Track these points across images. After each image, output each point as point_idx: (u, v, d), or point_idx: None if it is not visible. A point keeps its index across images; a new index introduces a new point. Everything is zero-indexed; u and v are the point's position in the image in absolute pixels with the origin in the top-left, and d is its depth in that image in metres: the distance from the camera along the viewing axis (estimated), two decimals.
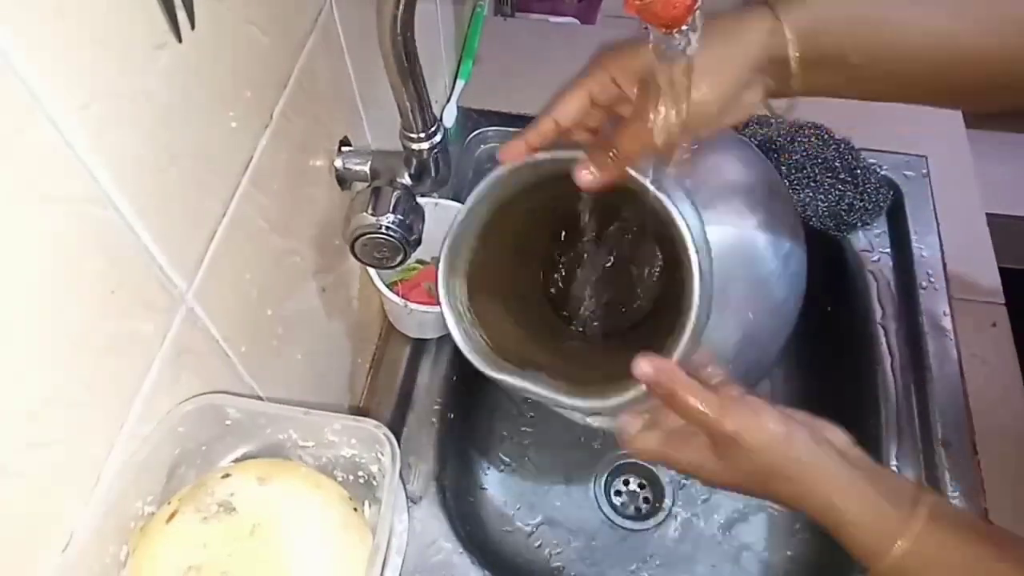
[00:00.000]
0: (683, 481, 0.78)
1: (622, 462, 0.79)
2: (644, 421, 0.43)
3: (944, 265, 0.76)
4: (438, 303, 0.49)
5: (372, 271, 0.62)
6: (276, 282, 0.49)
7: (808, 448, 0.39)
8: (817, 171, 0.78)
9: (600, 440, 0.79)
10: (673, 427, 0.42)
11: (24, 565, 0.33)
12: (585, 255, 0.59)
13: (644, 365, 0.40)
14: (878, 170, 0.81)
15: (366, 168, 0.55)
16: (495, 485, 0.77)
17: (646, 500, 0.77)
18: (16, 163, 0.27)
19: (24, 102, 0.27)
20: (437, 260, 0.49)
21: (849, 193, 0.78)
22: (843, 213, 0.78)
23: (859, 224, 0.79)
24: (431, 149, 0.52)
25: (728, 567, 0.73)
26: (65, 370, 0.32)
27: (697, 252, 0.42)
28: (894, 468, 0.65)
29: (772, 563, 0.74)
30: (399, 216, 0.51)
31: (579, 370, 0.50)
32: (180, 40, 0.34)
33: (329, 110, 0.54)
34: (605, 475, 0.78)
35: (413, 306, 0.62)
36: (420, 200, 0.54)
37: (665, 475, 0.78)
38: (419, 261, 0.71)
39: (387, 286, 0.63)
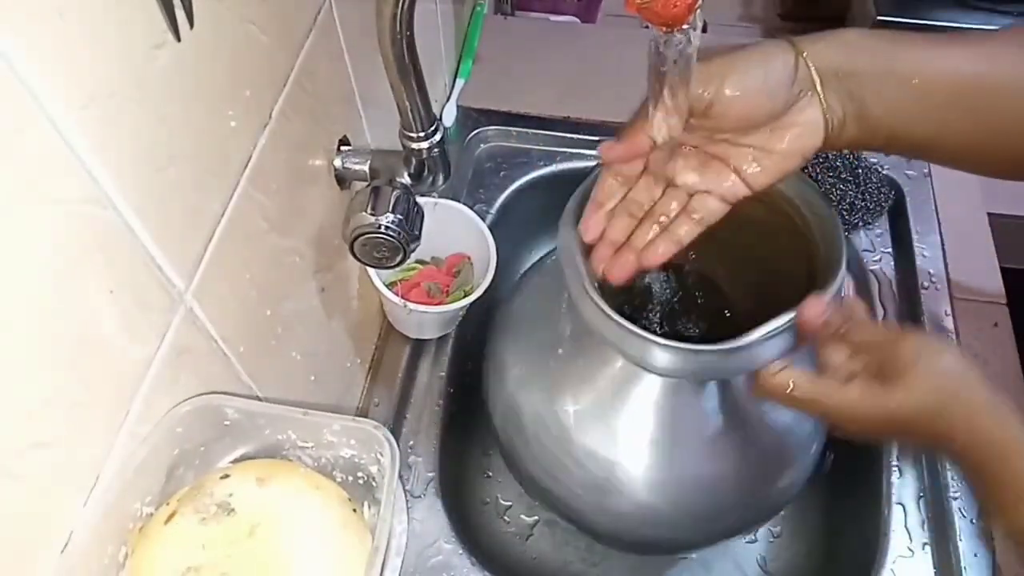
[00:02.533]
0: None
1: None
2: (783, 362, 0.43)
3: (946, 265, 0.76)
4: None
5: (371, 271, 0.62)
6: (275, 282, 0.49)
7: (984, 379, 0.39)
8: (818, 170, 0.78)
9: None
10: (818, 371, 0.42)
11: (23, 565, 0.33)
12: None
13: (813, 304, 0.41)
14: (879, 169, 0.80)
15: (365, 167, 0.54)
16: (495, 485, 0.77)
17: None
18: (15, 163, 0.27)
19: (24, 102, 0.27)
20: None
21: (851, 193, 0.78)
22: (844, 213, 0.78)
23: (861, 224, 0.79)
24: (431, 148, 0.51)
25: (728, 565, 0.73)
26: (64, 370, 0.32)
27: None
28: (895, 468, 0.65)
29: (773, 561, 0.74)
30: (398, 216, 0.51)
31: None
32: (179, 39, 0.34)
33: (328, 109, 0.53)
34: None
35: (412, 306, 0.62)
36: (420, 199, 0.54)
37: None
38: (419, 261, 0.71)
39: (386, 286, 0.63)
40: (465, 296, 0.65)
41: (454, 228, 0.68)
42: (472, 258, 0.69)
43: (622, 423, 0.53)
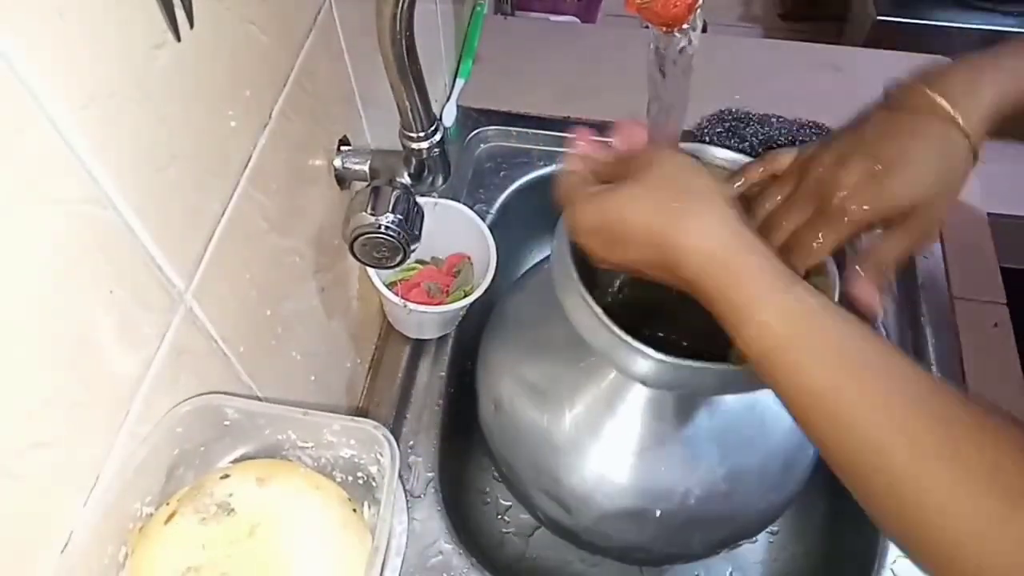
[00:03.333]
0: None
1: None
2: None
3: (946, 265, 0.76)
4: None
5: (371, 271, 0.62)
6: (275, 282, 0.49)
7: (721, 186, 0.38)
8: None
9: None
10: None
11: (23, 566, 0.33)
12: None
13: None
14: None
15: (365, 167, 0.54)
16: (495, 485, 0.77)
17: None
18: (15, 163, 0.27)
19: (24, 102, 0.27)
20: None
21: None
22: None
23: None
24: (431, 148, 0.51)
25: (729, 566, 0.73)
26: (64, 370, 0.32)
27: None
28: None
29: (773, 561, 0.74)
30: (398, 216, 0.51)
31: None
32: (179, 39, 0.34)
33: (328, 109, 0.53)
34: None
35: (412, 306, 0.62)
36: (419, 199, 0.54)
37: None
38: (418, 261, 0.71)
39: (387, 286, 0.63)
40: (465, 296, 0.65)
41: (454, 228, 0.68)
42: (472, 258, 0.69)
43: (611, 432, 0.53)
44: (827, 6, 1.64)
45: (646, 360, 0.43)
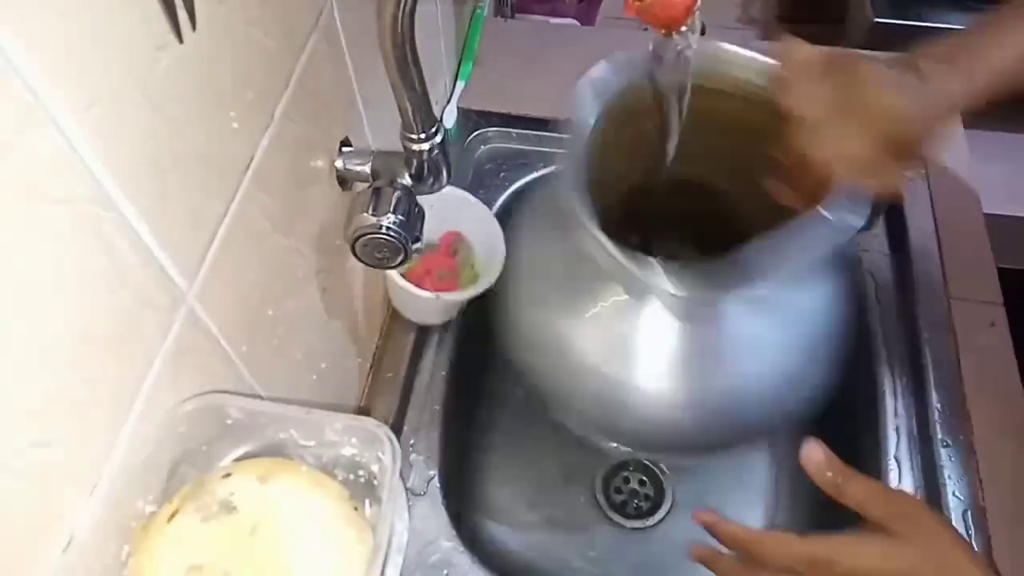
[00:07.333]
0: (682, 479, 0.78)
1: (622, 460, 0.79)
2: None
3: (942, 265, 0.76)
4: None
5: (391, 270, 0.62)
6: (277, 282, 0.50)
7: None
8: None
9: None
10: None
11: (25, 564, 0.33)
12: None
13: (813, 449, 0.42)
14: None
15: (367, 168, 0.55)
16: (495, 483, 0.77)
17: (646, 497, 0.78)
18: (17, 163, 0.27)
19: (25, 102, 0.27)
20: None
21: None
22: None
23: None
24: (431, 150, 0.52)
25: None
26: (66, 370, 0.32)
27: None
28: (893, 467, 0.66)
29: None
30: (400, 216, 0.51)
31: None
32: (181, 41, 0.34)
33: (330, 111, 0.54)
34: (605, 472, 0.79)
35: (445, 296, 0.63)
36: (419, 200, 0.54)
37: (665, 472, 0.78)
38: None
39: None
40: (473, 271, 0.66)
41: (445, 211, 0.68)
42: (463, 233, 0.69)
43: (637, 343, 0.54)
44: (825, 8, 1.64)
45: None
